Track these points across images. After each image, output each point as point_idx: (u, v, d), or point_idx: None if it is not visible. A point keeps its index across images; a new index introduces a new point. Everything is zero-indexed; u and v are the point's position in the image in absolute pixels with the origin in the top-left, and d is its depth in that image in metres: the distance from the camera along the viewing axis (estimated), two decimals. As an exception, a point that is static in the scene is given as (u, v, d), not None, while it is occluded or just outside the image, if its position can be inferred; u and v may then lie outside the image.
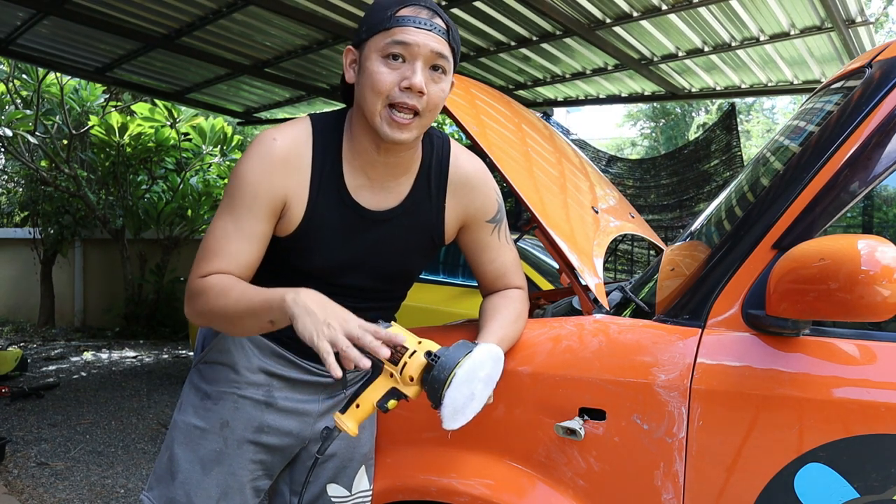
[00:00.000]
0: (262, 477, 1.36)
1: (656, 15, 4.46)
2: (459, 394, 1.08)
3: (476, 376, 1.10)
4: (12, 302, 8.97)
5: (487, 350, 1.14)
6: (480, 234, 1.38)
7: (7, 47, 5.64)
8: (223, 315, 1.16)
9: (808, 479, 1.07)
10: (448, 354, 1.09)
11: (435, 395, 1.08)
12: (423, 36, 1.15)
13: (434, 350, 1.11)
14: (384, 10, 1.18)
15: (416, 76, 1.14)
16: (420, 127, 1.20)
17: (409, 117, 1.17)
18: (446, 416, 1.09)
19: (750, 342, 1.14)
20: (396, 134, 1.17)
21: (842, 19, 4.22)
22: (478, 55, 5.49)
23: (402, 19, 1.16)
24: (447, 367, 1.08)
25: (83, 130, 7.67)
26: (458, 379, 1.07)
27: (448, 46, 1.19)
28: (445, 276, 4.00)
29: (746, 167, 1.63)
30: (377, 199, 1.28)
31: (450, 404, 1.08)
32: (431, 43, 1.16)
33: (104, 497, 3.18)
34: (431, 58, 1.16)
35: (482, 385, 1.13)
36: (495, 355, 1.16)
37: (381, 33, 1.16)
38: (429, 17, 1.17)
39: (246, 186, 1.20)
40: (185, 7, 4.71)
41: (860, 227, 1.62)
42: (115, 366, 6.24)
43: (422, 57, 1.16)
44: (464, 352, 1.10)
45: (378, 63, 1.16)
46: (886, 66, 1.19)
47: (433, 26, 1.17)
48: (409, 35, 1.15)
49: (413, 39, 1.15)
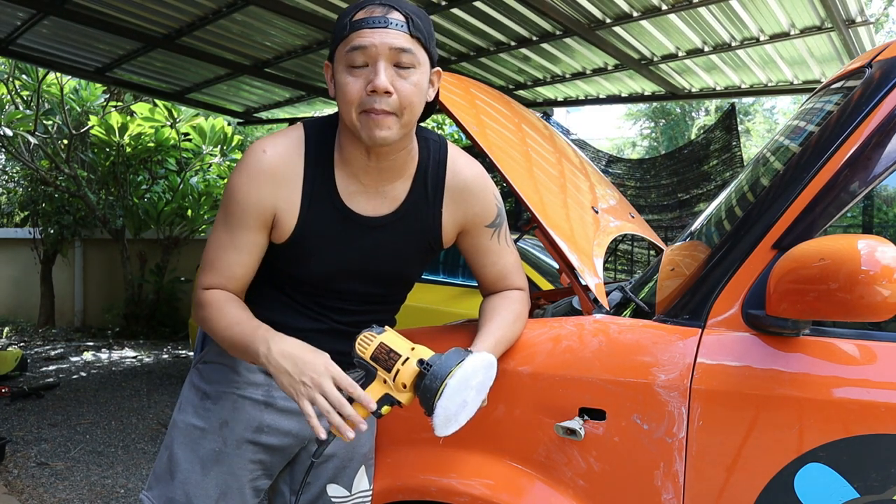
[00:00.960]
0: (261, 477, 1.36)
1: (656, 15, 4.46)
2: (451, 403, 1.08)
3: (468, 385, 1.11)
4: (12, 302, 8.97)
5: (479, 359, 1.13)
6: (480, 238, 1.37)
7: (7, 47, 5.64)
8: (216, 337, 1.24)
9: (808, 479, 1.06)
10: (440, 364, 1.09)
11: (427, 403, 1.09)
12: (378, 35, 1.13)
13: (426, 358, 1.11)
14: (343, 20, 1.17)
15: (379, 78, 1.12)
16: (401, 124, 1.17)
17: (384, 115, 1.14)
18: (438, 424, 1.10)
19: (750, 342, 1.14)
20: (377, 132, 1.15)
21: (842, 19, 4.22)
22: (478, 55, 5.48)
23: (357, 23, 1.14)
24: (439, 377, 1.08)
25: (83, 130, 7.67)
26: (450, 389, 1.07)
27: (410, 38, 1.15)
28: (445, 276, 4.00)
29: (746, 167, 1.63)
30: (373, 205, 1.27)
31: (441, 413, 1.08)
32: (388, 40, 1.13)
33: (104, 497, 3.18)
34: (392, 55, 1.14)
35: (475, 392, 1.13)
36: (487, 362, 1.16)
37: (342, 42, 1.16)
38: (383, 13, 1.15)
39: (236, 200, 1.22)
40: (185, 7, 4.71)
41: (860, 227, 1.62)
42: (115, 366, 6.24)
43: (382, 56, 1.13)
44: (455, 361, 1.10)
45: (344, 74, 1.16)
46: (886, 66, 1.19)
47: (388, 22, 1.14)
48: (365, 38, 1.13)
49: (368, 41, 1.13)
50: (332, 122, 1.28)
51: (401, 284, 1.39)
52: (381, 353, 1.13)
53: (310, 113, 7.47)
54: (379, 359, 1.13)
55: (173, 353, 6.96)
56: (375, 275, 1.31)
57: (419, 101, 1.19)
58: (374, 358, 1.13)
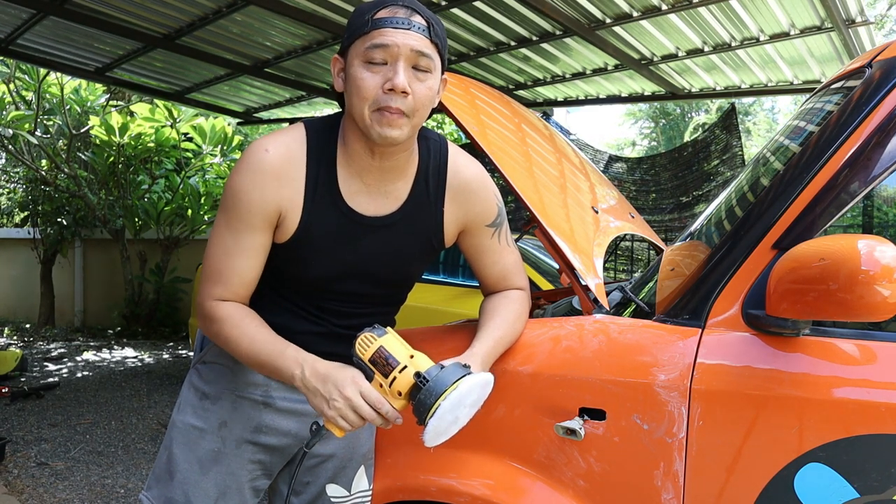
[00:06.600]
0: (260, 477, 1.36)
1: (656, 15, 4.46)
2: (443, 421, 1.09)
3: (462, 403, 1.10)
4: (12, 302, 8.97)
5: (476, 379, 1.12)
6: (481, 238, 1.37)
7: (7, 47, 5.64)
8: (236, 354, 1.23)
9: (808, 479, 1.06)
10: (437, 380, 1.08)
11: (419, 416, 1.09)
12: (401, 36, 1.14)
13: (423, 370, 1.10)
14: (363, 15, 1.17)
15: (398, 77, 1.13)
16: (411, 126, 1.18)
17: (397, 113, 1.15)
18: (427, 438, 1.09)
19: (750, 342, 1.14)
20: (387, 130, 1.15)
21: (842, 19, 4.22)
22: (478, 55, 5.48)
23: (380, 21, 1.15)
24: (434, 394, 1.07)
25: (83, 130, 7.68)
26: (443, 409, 1.07)
27: (430, 43, 1.17)
28: (445, 276, 4.00)
29: (746, 167, 1.63)
30: (375, 205, 1.27)
31: (432, 430, 1.08)
32: (411, 41, 1.14)
33: (104, 497, 3.18)
34: (413, 57, 1.15)
35: (468, 409, 1.14)
36: (483, 381, 1.15)
37: (360, 38, 1.16)
38: (407, 15, 1.16)
39: (239, 200, 1.20)
40: (185, 7, 4.71)
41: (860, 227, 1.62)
42: (115, 366, 6.24)
43: (402, 57, 1.14)
44: (452, 379, 1.08)
45: (360, 69, 1.15)
46: (886, 66, 1.19)
47: (412, 24, 1.15)
48: (388, 36, 1.13)
49: (391, 40, 1.13)
50: (334, 122, 1.28)
51: (401, 285, 1.39)
52: (380, 358, 1.12)
53: (310, 113, 7.47)
54: (377, 363, 1.13)
55: (173, 353, 6.96)
56: (376, 275, 1.31)
57: (430, 106, 1.20)
58: (372, 361, 1.13)
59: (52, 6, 4.64)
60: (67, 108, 7.30)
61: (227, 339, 1.22)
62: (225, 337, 1.22)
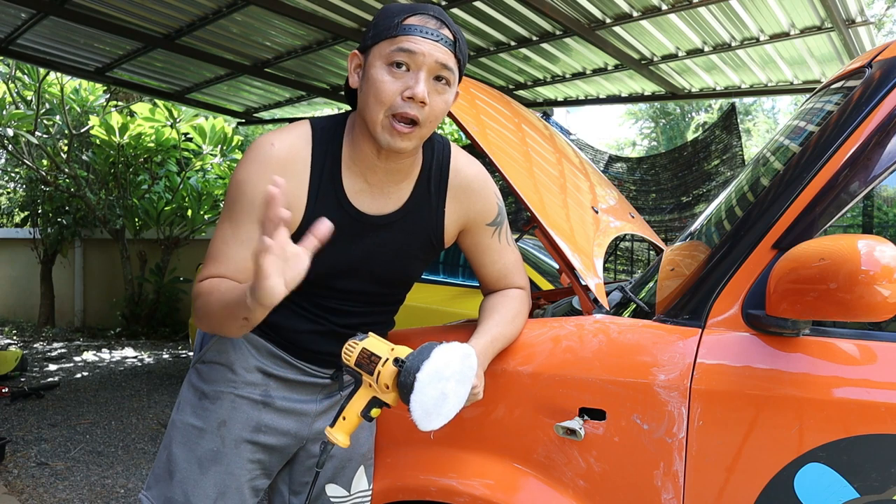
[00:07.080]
0: (260, 476, 1.36)
1: (656, 15, 4.46)
2: (426, 396, 1.07)
3: (442, 376, 1.09)
4: (12, 302, 8.98)
5: (448, 349, 1.11)
6: (481, 237, 1.38)
7: (7, 47, 5.64)
8: (210, 314, 1.17)
9: (808, 479, 1.06)
10: (411, 359, 1.10)
11: (405, 399, 1.09)
12: (429, 45, 1.14)
13: (402, 356, 1.11)
14: (392, 18, 1.17)
15: (419, 86, 1.13)
16: (420, 137, 1.19)
17: (409, 127, 1.16)
18: (417, 418, 1.08)
19: (750, 342, 1.14)
20: (396, 142, 1.16)
21: (842, 19, 4.22)
22: (478, 55, 5.48)
23: (410, 28, 1.15)
24: (412, 371, 1.08)
25: (83, 130, 7.68)
26: (421, 382, 1.06)
27: (454, 58, 1.18)
28: (445, 276, 4.00)
29: (746, 167, 1.63)
30: (377, 204, 1.27)
31: (418, 407, 1.07)
32: (437, 53, 1.15)
33: (104, 497, 3.18)
34: (436, 68, 1.15)
35: (454, 383, 1.11)
36: (461, 353, 1.13)
37: (386, 40, 1.16)
38: (437, 27, 1.16)
39: (243, 192, 1.20)
40: (185, 7, 4.70)
41: (860, 227, 1.62)
42: (115, 366, 6.24)
43: (426, 67, 1.14)
44: (426, 354, 1.09)
45: (382, 71, 1.15)
46: (886, 66, 1.19)
47: (440, 37, 1.16)
48: (415, 44, 1.14)
49: (419, 48, 1.14)
50: (340, 121, 1.28)
51: (401, 284, 1.39)
52: (364, 359, 1.14)
53: (310, 113, 7.47)
54: (362, 364, 1.14)
55: (173, 353, 6.96)
56: (376, 274, 1.31)
57: (441, 118, 1.21)
58: (358, 364, 1.14)
59: (52, 6, 4.64)
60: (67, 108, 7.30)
61: (205, 310, 1.17)
62: (203, 310, 1.17)
